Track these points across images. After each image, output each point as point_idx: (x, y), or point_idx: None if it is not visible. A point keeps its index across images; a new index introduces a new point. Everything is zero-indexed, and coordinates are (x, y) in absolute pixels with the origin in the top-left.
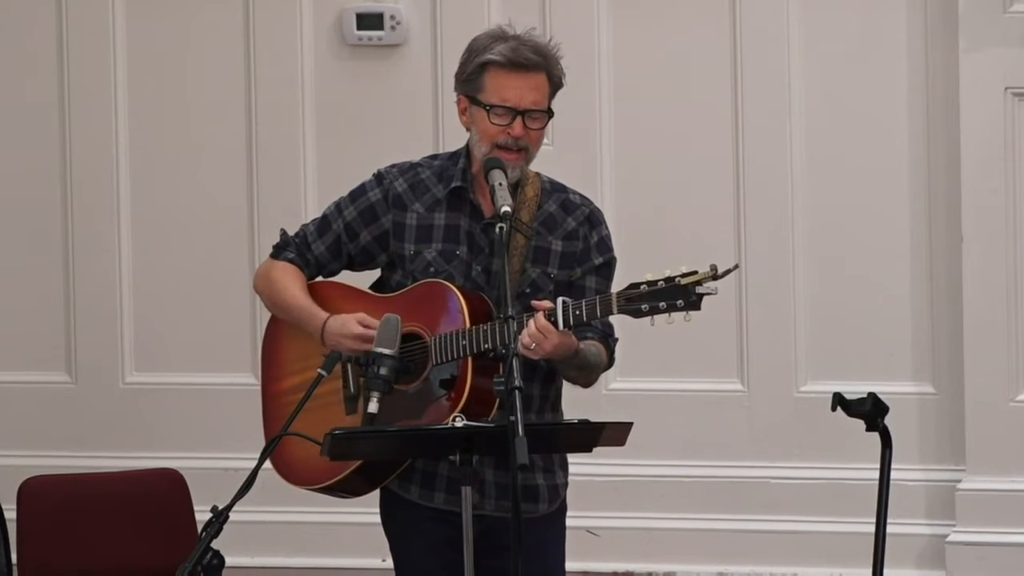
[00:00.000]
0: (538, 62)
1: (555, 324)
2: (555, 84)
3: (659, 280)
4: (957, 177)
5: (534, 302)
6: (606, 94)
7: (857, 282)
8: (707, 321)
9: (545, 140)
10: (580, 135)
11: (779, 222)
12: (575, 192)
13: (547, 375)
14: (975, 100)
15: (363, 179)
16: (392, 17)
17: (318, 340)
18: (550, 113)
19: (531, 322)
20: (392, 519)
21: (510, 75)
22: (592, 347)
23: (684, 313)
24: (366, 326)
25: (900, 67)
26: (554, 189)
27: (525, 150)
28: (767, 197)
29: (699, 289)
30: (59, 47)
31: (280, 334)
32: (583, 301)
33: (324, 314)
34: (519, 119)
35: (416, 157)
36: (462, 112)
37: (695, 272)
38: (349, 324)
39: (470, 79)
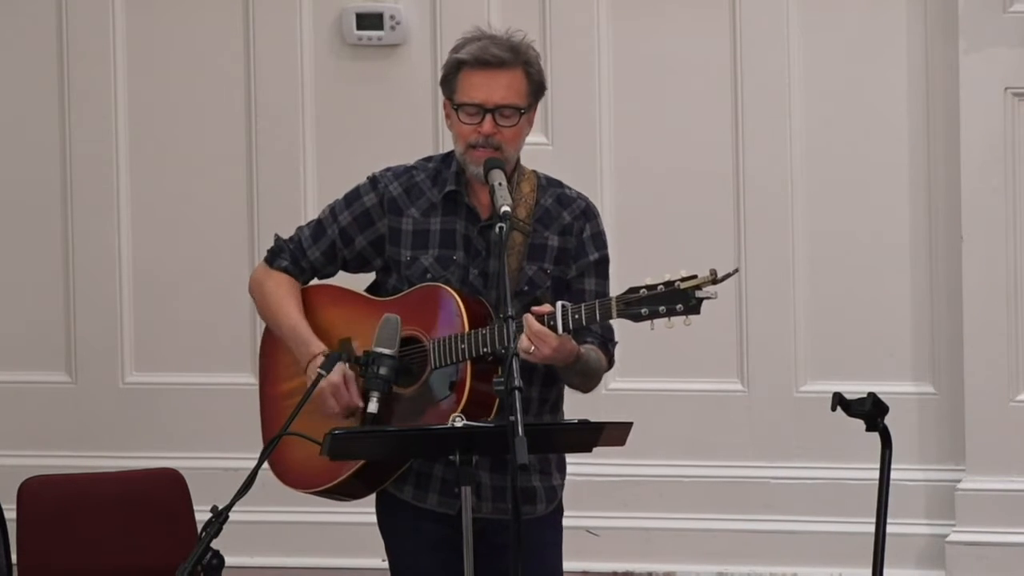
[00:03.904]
0: (507, 59)
1: (554, 329)
2: (535, 82)
3: (659, 284)
4: (957, 177)
5: (534, 308)
6: (606, 94)
7: (857, 282)
8: (707, 322)
9: (545, 139)
10: (580, 134)
11: (779, 222)
12: (571, 188)
13: (546, 378)
14: (975, 100)
15: (359, 181)
16: (392, 17)
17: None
18: (526, 111)
19: (526, 325)
20: (388, 520)
21: (478, 73)
22: (592, 352)
23: (684, 317)
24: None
25: (900, 67)
26: (550, 184)
27: (499, 148)
28: (767, 197)
29: (699, 293)
30: (59, 47)
31: (278, 338)
32: (582, 305)
33: (315, 348)
34: (488, 116)
35: (413, 159)
36: (447, 116)
37: (695, 276)
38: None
39: (446, 81)
